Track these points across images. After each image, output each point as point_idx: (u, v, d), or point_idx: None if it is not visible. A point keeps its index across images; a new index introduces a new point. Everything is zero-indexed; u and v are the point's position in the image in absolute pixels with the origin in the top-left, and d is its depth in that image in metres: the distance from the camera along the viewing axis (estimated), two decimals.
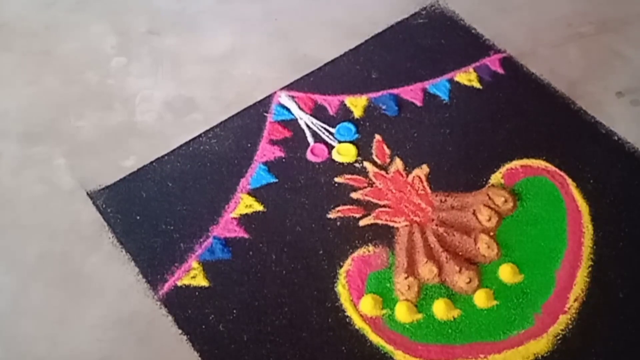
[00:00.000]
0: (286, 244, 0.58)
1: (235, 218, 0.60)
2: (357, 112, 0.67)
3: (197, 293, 0.56)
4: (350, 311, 0.55)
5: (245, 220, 0.60)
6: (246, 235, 0.59)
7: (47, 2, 0.78)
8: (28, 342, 0.54)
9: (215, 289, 0.56)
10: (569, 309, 0.55)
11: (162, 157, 0.64)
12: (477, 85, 0.69)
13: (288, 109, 0.67)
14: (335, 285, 0.56)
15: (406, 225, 0.59)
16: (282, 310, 0.55)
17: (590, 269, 0.57)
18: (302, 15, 0.76)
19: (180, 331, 0.54)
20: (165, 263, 0.58)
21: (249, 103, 0.68)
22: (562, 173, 0.61)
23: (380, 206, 0.61)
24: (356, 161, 0.64)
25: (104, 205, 0.61)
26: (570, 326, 0.54)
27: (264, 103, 0.68)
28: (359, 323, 0.54)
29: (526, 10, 0.75)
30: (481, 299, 0.55)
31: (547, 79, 0.69)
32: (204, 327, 0.54)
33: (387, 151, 0.64)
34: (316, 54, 0.71)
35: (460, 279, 0.56)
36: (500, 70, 0.70)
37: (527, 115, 0.66)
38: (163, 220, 0.60)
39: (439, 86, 0.69)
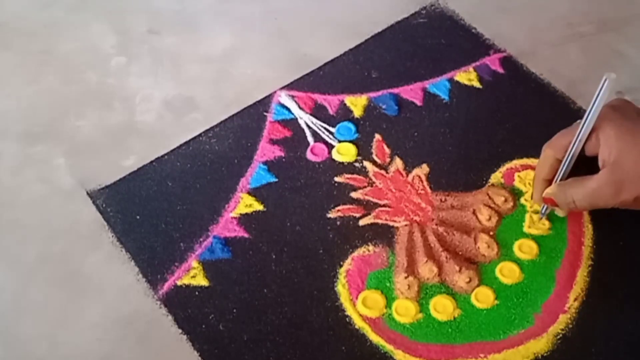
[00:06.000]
0: (286, 244, 0.58)
1: (235, 217, 0.60)
2: (357, 112, 0.67)
3: (197, 292, 0.56)
4: (350, 311, 0.55)
5: (245, 220, 0.60)
6: (246, 235, 0.59)
7: (47, 1, 0.78)
8: (28, 342, 0.54)
9: (215, 289, 0.56)
10: (569, 308, 0.55)
11: (162, 156, 0.64)
12: (477, 84, 0.69)
13: (288, 109, 0.67)
14: (335, 284, 0.56)
15: (406, 225, 0.59)
16: (282, 310, 0.55)
17: (590, 268, 0.57)
18: (302, 14, 0.76)
19: (180, 331, 0.54)
20: (165, 262, 0.58)
21: (249, 102, 0.68)
22: None
23: (380, 206, 0.61)
24: (356, 161, 0.64)
25: (103, 205, 0.61)
26: (570, 326, 0.54)
27: (264, 102, 0.68)
28: (359, 322, 0.54)
29: (526, 10, 0.75)
30: (481, 298, 0.55)
31: (547, 78, 0.69)
32: (204, 326, 0.54)
33: (387, 150, 0.64)
34: (316, 54, 0.71)
35: (460, 279, 0.56)
36: (500, 70, 0.70)
37: (527, 114, 0.66)
38: (163, 220, 0.60)
39: (439, 86, 0.69)
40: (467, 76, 0.69)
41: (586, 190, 0.52)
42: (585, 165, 0.54)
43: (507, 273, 0.56)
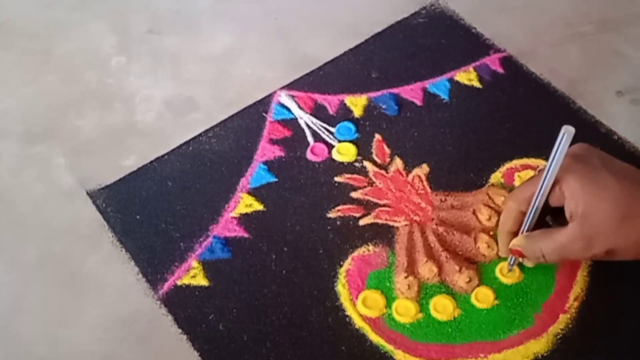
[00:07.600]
0: (286, 243, 0.58)
1: (235, 217, 0.60)
2: (357, 112, 0.67)
3: (197, 292, 0.56)
4: (350, 310, 0.55)
5: (245, 220, 0.60)
6: (246, 235, 0.59)
7: (47, 1, 0.78)
8: (28, 342, 0.54)
9: (215, 289, 0.56)
10: (569, 308, 0.54)
11: (162, 156, 0.64)
12: (477, 84, 0.69)
13: (288, 109, 0.67)
14: (335, 284, 0.56)
15: (406, 225, 0.59)
16: (282, 309, 0.55)
17: (590, 268, 0.56)
18: (302, 14, 0.76)
19: (180, 330, 0.54)
20: (165, 262, 0.58)
21: (249, 102, 0.68)
22: None
23: (380, 205, 0.61)
24: (356, 160, 0.64)
25: (103, 205, 0.61)
26: (570, 325, 0.54)
27: (264, 102, 0.68)
28: (359, 322, 0.54)
29: (526, 10, 0.75)
30: (481, 298, 0.55)
31: (547, 78, 0.69)
32: (204, 326, 0.54)
33: (387, 150, 0.64)
34: (316, 54, 0.71)
35: (460, 279, 0.56)
36: (500, 70, 0.70)
37: (527, 114, 0.66)
38: (163, 220, 0.60)
39: (439, 85, 0.69)
40: (467, 76, 0.69)
41: (556, 244, 0.50)
42: (549, 210, 0.52)
43: (507, 273, 0.56)
